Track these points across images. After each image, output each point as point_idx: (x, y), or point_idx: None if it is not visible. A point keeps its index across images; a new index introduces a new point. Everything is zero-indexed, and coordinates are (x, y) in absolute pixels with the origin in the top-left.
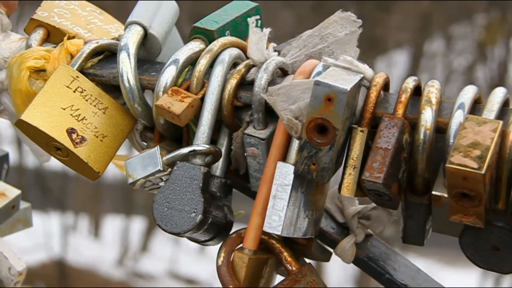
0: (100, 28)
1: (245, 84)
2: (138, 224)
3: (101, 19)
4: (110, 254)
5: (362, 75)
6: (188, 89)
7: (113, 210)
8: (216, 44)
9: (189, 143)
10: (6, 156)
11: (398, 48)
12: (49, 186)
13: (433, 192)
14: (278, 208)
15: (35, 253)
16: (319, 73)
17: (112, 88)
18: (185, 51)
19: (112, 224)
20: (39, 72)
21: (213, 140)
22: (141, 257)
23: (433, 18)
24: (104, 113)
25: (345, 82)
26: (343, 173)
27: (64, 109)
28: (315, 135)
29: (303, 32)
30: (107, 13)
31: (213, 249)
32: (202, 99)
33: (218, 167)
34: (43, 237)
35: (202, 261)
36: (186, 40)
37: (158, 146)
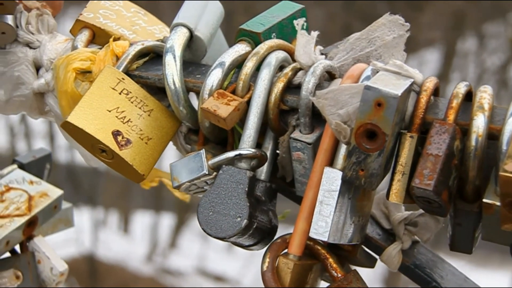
0: (144, 29)
1: (291, 87)
2: (167, 220)
3: (145, 20)
4: (139, 250)
5: (412, 80)
6: (234, 92)
7: (142, 206)
8: (262, 47)
9: (234, 146)
10: (49, 156)
11: (430, 46)
12: (80, 181)
13: (484, 200)
14: (325, 214)
15: (66, 248)
16: (367, 78)
17: (156, 90)
18: (231, 54)
19: (142, 220)
20: (85, 74)
21: (258, 143)
22: (169, 254)
23: (466, 17)
24: (149, 115)
25: (396, 87)
26: (392, 179)
27: (109, 111)
28: (364, 141)
29: (333, 30)
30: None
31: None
32: (248, 102)
33: (263, 171)
34: (74, 232)
35: (231, 258)
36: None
37: (203, 149)
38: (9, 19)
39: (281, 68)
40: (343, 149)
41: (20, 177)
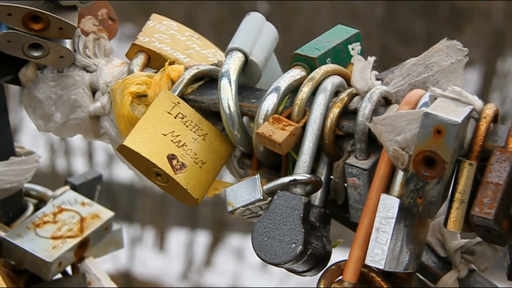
0: (198, 53)
1: (347, 113)
2: (202, 238)
3: (199, 44)
4: (174, 267)
5: (472, 107)
6: (289, 117)
7: (178, 223)
8: (318, 72)
9: (288, 171)
10: (99, 178)
11: (470, 66)
12: (118, 198)
13: None
14: (381, 242)
15: (103, 264)
16: (425, 104)
17: (210, 114)
18: (286, 79)
19: (177, 238)
20: (141, 98)
21: (312, 168)
22: (205, 271)
23: (505, 36)
24: (203, 139)
25: (456, 114)
26: (449, 207)
27: (165, 135)
28: (422, 168)
29: (370, 49)
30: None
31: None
32: (303, 128)
33: (317, 196)
34: None
35: (265, 277)
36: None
37: (258, 174)
38: (68, 43)
39: (336, 93)
40: (400, 175)
41: (72, 199)
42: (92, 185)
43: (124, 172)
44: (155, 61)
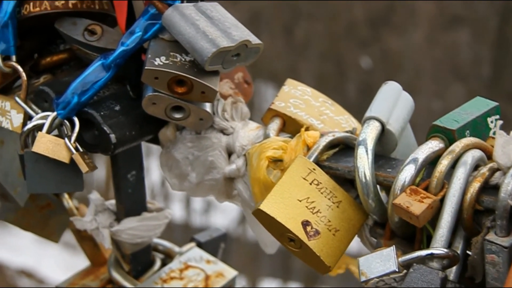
0: (331, 119)
1: (487, 188)
2: None
3: (333, 110)
4: None
5: None
6: (426, 189)
7: (271, 273)
8: (458, 145)
9: (422, 243)
10: (224, 236)
11: None
12: None
13: None
14: None
15: None
16: None
17: (344, 181)
18: (424, 150)
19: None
20: (277, 162)
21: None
22: None
23: None
24: (337, 206)
25: None
26: None
27: (300, 201)
28: None
29: None
30: None
31: None
32: (441, 201)
33: (452, 271)
34: None
35: None
36: None
37: (394, 246)
38: (207, 106)
39: (476, 167)
40: None
41: (198, 256)
42: (216, 243)
43: (220, 220)
44: (290, 125)
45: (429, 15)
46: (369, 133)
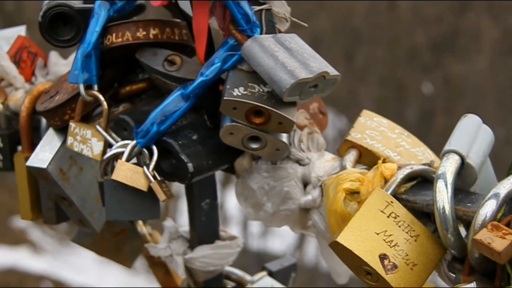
0: (408, 151)
1: None
2: None
3: (409, 142)
4: None
5: None
6: (508, 225)
7: None
8: None
9: (503, 280)
10: (294, 265)
11: None
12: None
13: None
14: None
15: None
16: None
17: (420, 214)
18: (506, 185)
19: None
20: (353, 194)
21: None
22: None
23: None
24: (415, 240)
25: None
26: None
27: (377, 233)
28: None
29: None
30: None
31: None
32: None
33: None
34: None
35: None
36: None
37: (475, 282)
38: (284, 136)
39: None
40: None
41: (269, 285)
42: (287, 272)
43: (277, 244)
44: (366, 157)
45: (493, 40)
46: (449, 167)
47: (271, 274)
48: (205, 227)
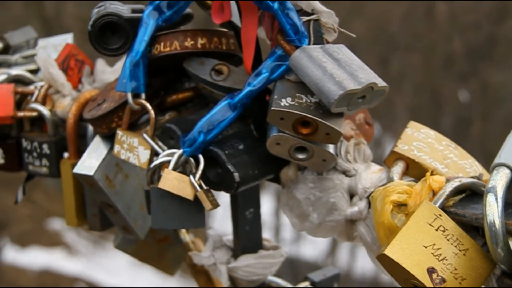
0: (455, 163)
1: None
2: None
3: (456, 154)
4: None
5: None
6: None
7: None
8: None
9: None
10: (337, 276)
11: None
12: (302, 274)
13: None
14: None
15: None
16: None
17: (469, 228)
18: None
19: None
20: (401, 206)
21: None
22: None
23: None
24: (464, 254)
25: None
26: None
27: (425, 247)
28: None
29: None
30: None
31: None
32: None
33: None
34: None
35: None
36: None
37: None
38: (330, 147)
39: None
40: None
41: None
42: (330, 282)
43: (309, 251)
44: (413, 169)
45: None
46: (499, 180)
47: (313, 284)
48: (249, 236)
